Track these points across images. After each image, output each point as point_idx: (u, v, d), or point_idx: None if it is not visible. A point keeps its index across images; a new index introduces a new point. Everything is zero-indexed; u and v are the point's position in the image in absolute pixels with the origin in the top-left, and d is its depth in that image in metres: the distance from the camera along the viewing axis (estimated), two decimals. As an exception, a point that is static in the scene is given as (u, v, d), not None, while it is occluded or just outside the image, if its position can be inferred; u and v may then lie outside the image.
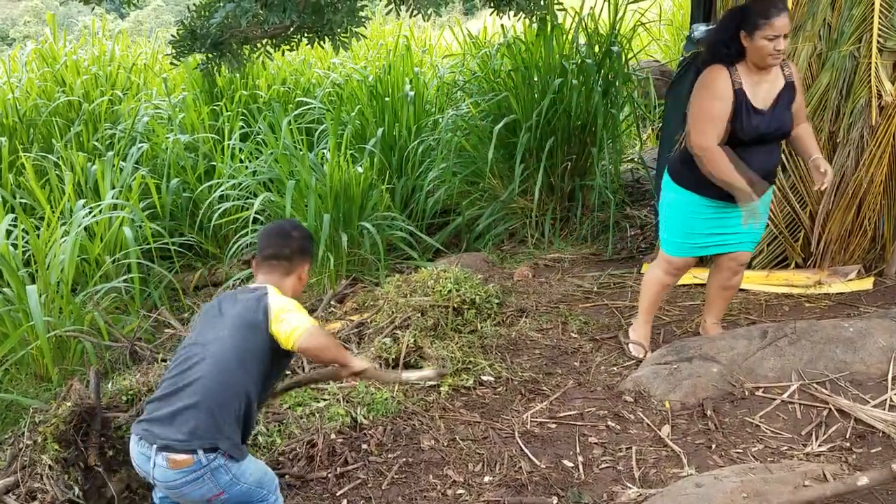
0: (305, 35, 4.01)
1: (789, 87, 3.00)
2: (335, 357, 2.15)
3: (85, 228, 4.55)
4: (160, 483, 2.03)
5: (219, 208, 5.39)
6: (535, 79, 5.57)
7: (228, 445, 2.01)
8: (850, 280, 3.92)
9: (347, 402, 3.07)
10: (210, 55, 4.06)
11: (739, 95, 2.92)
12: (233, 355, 2.06)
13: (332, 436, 2.89)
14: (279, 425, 2.91)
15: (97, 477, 2.58)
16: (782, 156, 3.96)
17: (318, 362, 2.16)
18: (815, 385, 3.00)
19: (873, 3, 3.71)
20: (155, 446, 1.98)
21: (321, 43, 3.99)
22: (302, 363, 3.32)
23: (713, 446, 2.76)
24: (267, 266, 2.30)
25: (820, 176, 2.97)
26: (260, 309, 2.11)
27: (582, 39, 5.82)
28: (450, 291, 3.78)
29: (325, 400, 3.09)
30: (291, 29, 3.97)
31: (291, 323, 2.06)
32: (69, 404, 2.66)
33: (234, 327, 2.11)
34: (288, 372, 2.98)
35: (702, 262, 4.37)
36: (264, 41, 4.21)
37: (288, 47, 4.23)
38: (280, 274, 2.28)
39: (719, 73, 2.96)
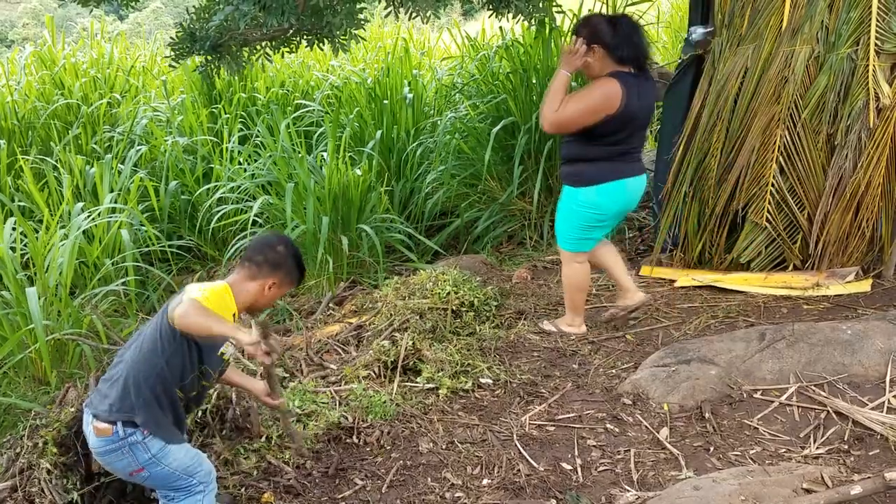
0: (305, 37, 4.02)
1: None
2: (217, 331, 2.06)
3: (83, 231, 4.55)
4: (91, 449, 2.21)
5: (217, 211, 5.39)
6: (534, 81, 5.58)
7: (145, 421, 2.11)
8: (849, 282, 3.93)
9: (346, 404, 3.07)
10: (209, 57, 4.07)
11: None
12: (149, 338, 2.17)
13: (330, 439, 2.89)
14: (275, 425, 2.91)
15: (94, 483, 2.58)
16: (781, 158, 3.99)
17: (204, 337, 2.13)
18: (814, 387, 3.00)
19: (871, 6, 3.72)
20: (90, 412, 2.18)
21: (321, 45, 4.00)
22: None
23: (711, 449, 2.76)
24: (238, 266, 2.34)
25: None
26: (181, 293, 2.16)
27: (580, 42, 5.82)
28: (448, 294, 3.78)
29: (323, 403, 3.09)
30: (291, 31, 3.97)
31: (181, 305, 2.07)
32: (72, 409, 2.66)
33: (158, 316, 2.20)
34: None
35: (700, 263, 4.39)
36: (264, 43, 4.22)
37: (287, 49, 4.24)
38: (244, 276, 2.29)
39: None
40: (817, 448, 2.69)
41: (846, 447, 2.68)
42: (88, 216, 4.68)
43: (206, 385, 2.33)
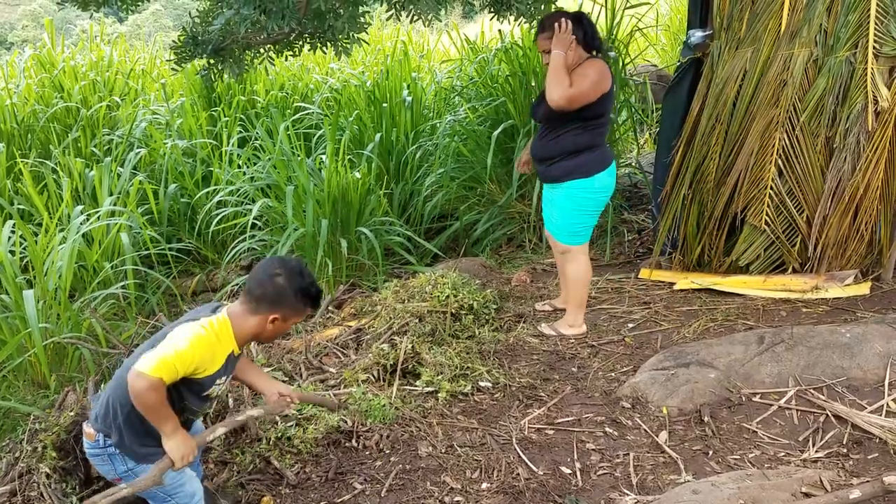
0: (307, 41, 4.04)
1: None
2: (154, 419, 2.02)
3: (83, 235, 4.55)
4: (85, 450, 2.22)
5: (217, 214, 5.39)
6: (533, 84, 5.58)
7: (118, 442, 2.11)
8: (847, 285, 3.93)
9: (345, 408, 3.07)
10: (211, 61, 4.08)
11: None
12: (130, 364, 2.05)
13: (329, 443, 2.89)
14: (273, 427, 2.91)
15: (93, 487, 2.58)
16: (779, 161, 3.99)
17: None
18: (812, 391, 3.01)
19: (869, 9, 3.72)
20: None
21: (323, 48, 4.01)
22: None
23: (710, 452, 2.76)
24: (241, 295, 2.21)
25: None
26: (168, 331, 2.08)
27: (579, 44, 5.83)
28: (448, 297, 3.78)
29: (321, 407, 3.09)
30: (293, 35, 3.98)
31: (146, 357, 1.97)
32: (72, 413, 2.66)
33: (150, 342, 2.12)
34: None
35: (699, 266, 4.40)
36: (266, 47, 4.23)
37: (290, 53, 4.25)
38: (244, 310, 2.16)
39: None
40: (816, 452, 2.69)
41: (845, 451, 2.68)
42: (87, 219, 4.68)
43: (193, 415, 2.26)
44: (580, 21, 3.53)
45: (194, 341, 2.02)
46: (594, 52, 3.56)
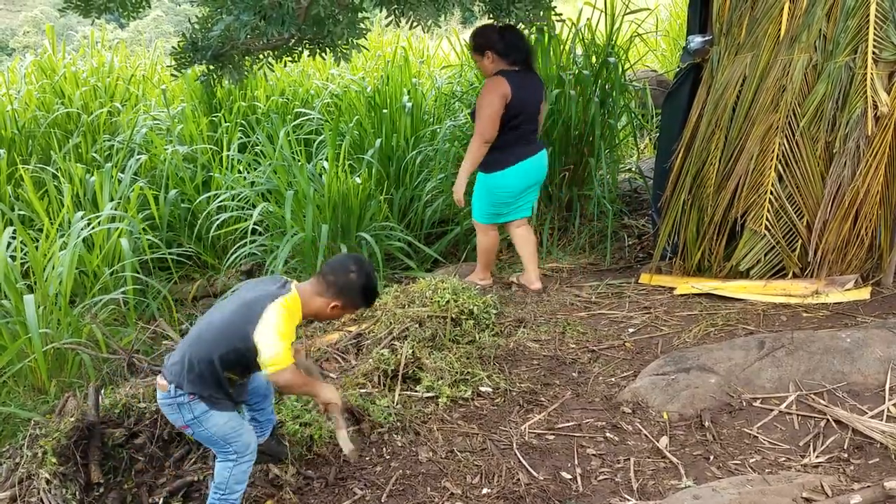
0: (307, 47, 4.04)
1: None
2: (304, 392, 2.39)
3: (83, 240, 4.55)
4: (158, 400, 2.43)
5: (217, 219, 5.39)
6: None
7: (192, 389, 2.31)
8: (848, 290, 3.93)
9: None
10: (211, 67, 4.08)
11: None
12: (216, 326, 2.34)
13: (328, 447, 2.88)
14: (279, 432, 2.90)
15: (94, 493, 2.57)
16: (779, 166, 3.99)
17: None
18: (813, 396, 3.00)
19: (868, 15, 3.73)
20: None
21: (322, 54, 4.01)
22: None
23: (711, 458, 2.76)
24: (314, 275, 2.48)
25: None
26: (259, 310, 2.29)
27: (579, 50, 5.85)
28: (448, 302, 3.78)
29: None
30: (293, 41, 3.99)
31: (264, 353, 2.24)
32: (72, 419, 2.66)
33: (234, 308, 2.35)
34: None
35: (699, 271, 4.40)
36: (266, 53, 4.23)
37: (290, 59, 4.25)
38: (314, 290, 2.42)
39: None
40: (817, 457, 2.69)
41: (846, 456, 2.68)
42: (88, 225, 4.69)
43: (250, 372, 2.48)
44: (504, 34, 4.02)
45: (286, 319, 2.29)
46: (515, 65, 4.04)
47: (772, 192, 4.02)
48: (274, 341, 2.24)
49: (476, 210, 4.40)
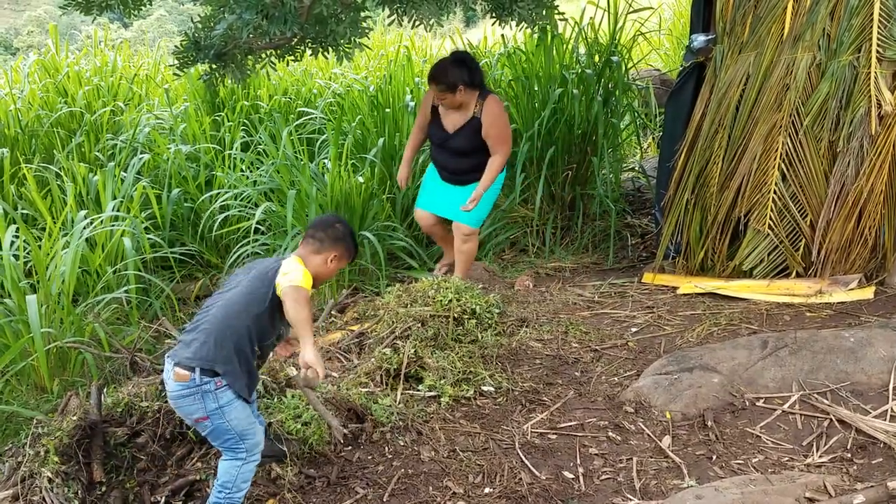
0: (309, 46, 4.04)
1: (474, 121, 4.28)
2: (300, 325, 2.28)
3: (86, 239, 4.56)
4: (167, 393, 2.41)
5: (220, 218, 5.40)
6: (536, 88, 5.59)
7: (225, 370, 2.32)
8: (851, 289, 3.92)
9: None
10: (214, 66, 4.08)
11: (434, 114, 4.46)
12: (241, 298, 2.39)
13: (330, 447, 2.88)
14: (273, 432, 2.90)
15: (96, 492, 2.57)
16: (783, 165, 3.99)
17: (286, 318, 2.38)
18: (816, 395, 3.00)
19: (872, 14, 3.72)
20: (172, 360, 2.36)
21: (325, 53, 4.01)
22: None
23: (714, 457, 2.75)
24: (303, 241, 2.57)
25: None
26: (274, 265, 2.41)
27: (582, 49, 5.85)
28: (450, 301, 3.77)
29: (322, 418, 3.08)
30: (295, 40, 3.99)
31: (289, 276, 2.32)
32: (74, 418, 2.66)
33: (249, 280, 2.44)
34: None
35: (703, 270, 4.39)
36: (268, 52, 4.23)
37: (292, 58, 4.25)
38: (310, 250, 2.52)
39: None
40: (820, 457, 2.68)
41: (849, 456, 2.67)
42: (91, 224, 4.69)
43: (275, 343, 2.54)
44: (464, 63, 4.24)
45: (301, 272, 2.35)
46: (479, 89, 4.28)
47: (775, 192, 4.01)
48: (299, 269, 2.35)
49: (479, 217, 4.51)
